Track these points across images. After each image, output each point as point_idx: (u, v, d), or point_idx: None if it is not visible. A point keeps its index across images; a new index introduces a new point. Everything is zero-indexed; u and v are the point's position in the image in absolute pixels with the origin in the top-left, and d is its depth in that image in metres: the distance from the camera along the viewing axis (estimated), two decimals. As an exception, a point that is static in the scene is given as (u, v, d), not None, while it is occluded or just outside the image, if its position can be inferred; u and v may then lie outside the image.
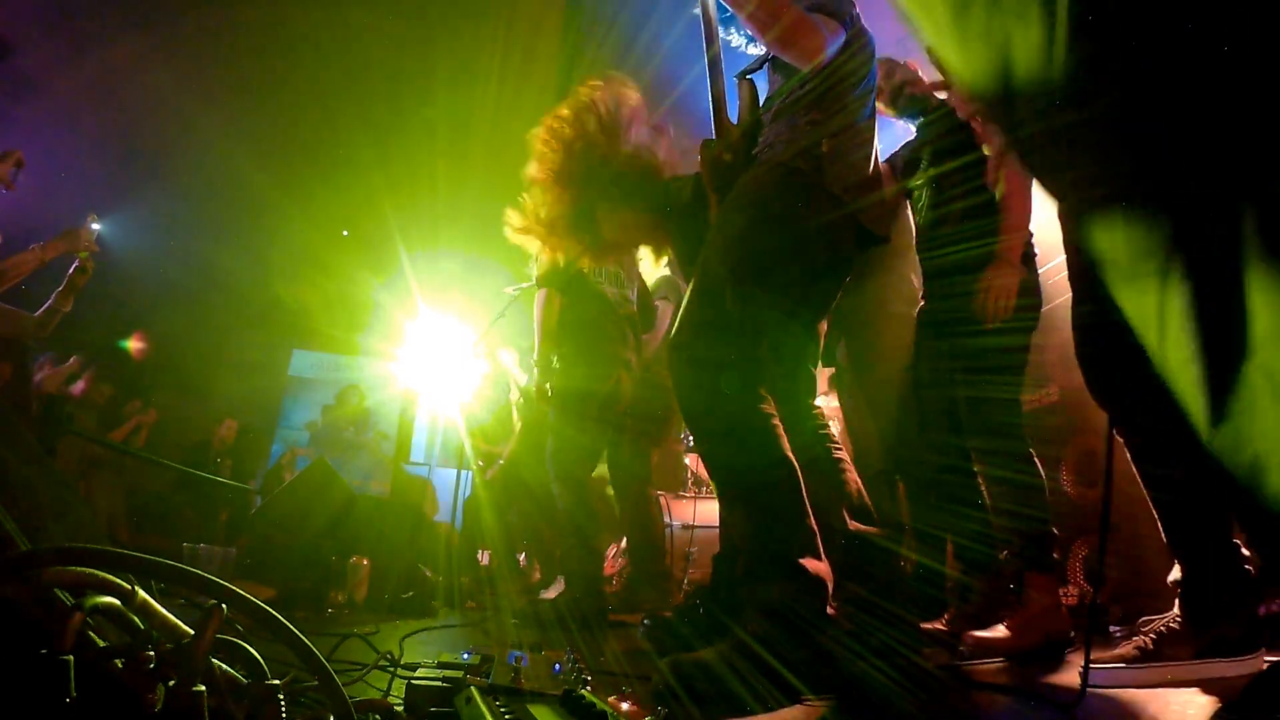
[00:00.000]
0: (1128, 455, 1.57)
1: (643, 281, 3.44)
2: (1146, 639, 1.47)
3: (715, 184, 1.69)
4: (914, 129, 2.47)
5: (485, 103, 5.46)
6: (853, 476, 1.70)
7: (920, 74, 2.45)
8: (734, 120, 1.75)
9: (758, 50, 1.85)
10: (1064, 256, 2.82)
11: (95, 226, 3.28)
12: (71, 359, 4.96)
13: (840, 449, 1.74)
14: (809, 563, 1.42)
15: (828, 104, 1.60)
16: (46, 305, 3.44)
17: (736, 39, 1.86)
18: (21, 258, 3.14)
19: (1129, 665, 1.44)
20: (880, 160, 1.73)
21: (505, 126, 5.70)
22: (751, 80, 1.75)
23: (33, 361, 4.41)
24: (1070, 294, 1.89)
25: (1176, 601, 1.51)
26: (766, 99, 1.71)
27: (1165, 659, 1.42)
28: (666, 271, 3.60)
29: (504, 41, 4.91)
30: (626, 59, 4.71)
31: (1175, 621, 1.47)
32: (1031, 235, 2.27)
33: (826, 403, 3.13)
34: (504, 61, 5.05)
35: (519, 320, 4.21)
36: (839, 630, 1.40)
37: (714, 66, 1.72)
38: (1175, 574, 1.53)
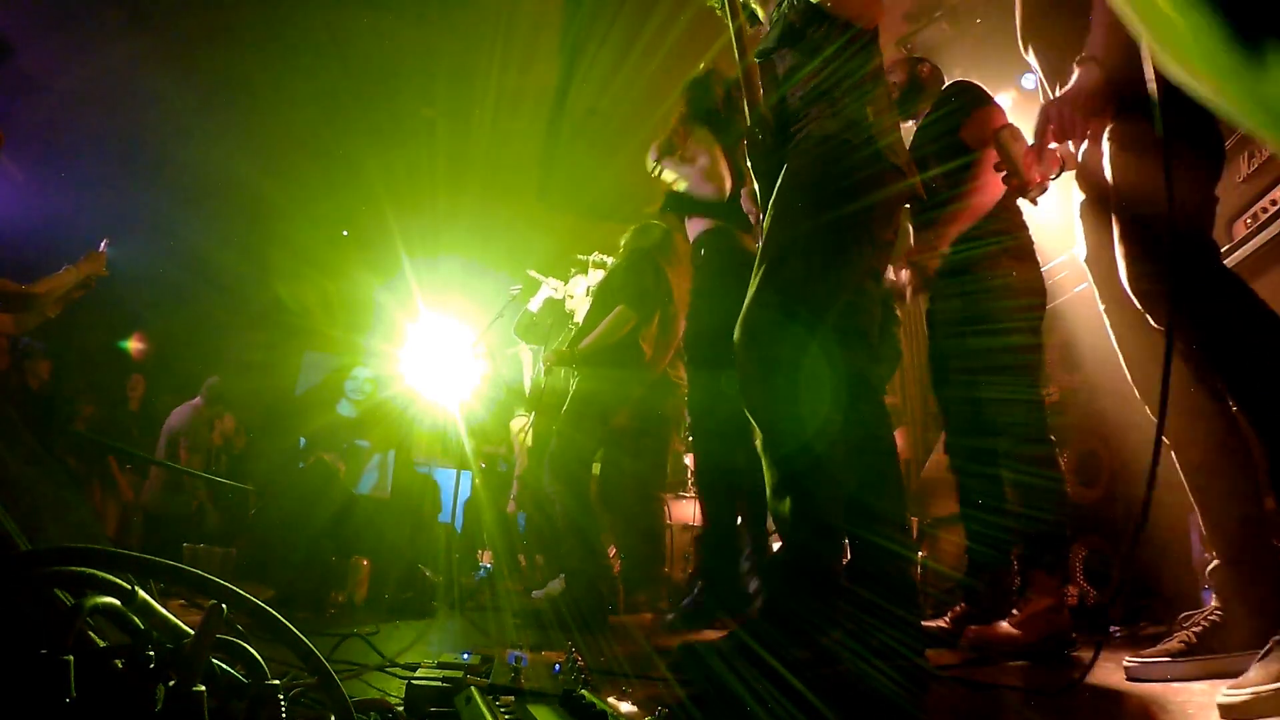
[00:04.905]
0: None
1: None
2: (1190, 633, 1.47)
3: (756, 166, 1.69)
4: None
5: (485, 103, 5.45)
6: (892, 470, 1.68)
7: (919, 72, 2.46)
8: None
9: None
10: (1063, 257, 2.83)
11: (103, 248, 3.35)
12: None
13: (889, 438, 1.71)
14: (830, 560, 1.42)
15: (864, 76, 1.61)
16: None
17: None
18: (59, 279, 3.24)
19: (1173, 659, 1.44)
20: None
21: (505, 126, 5.71)
22: (773, 60, 1.74)
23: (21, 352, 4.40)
24: (1065, 295, 1.88)
25: (1213, 595, 1.51)
26: (786, 79, 1.70)
27: (1209, 652, 1.41)
28: None
29: (504, 41, 4.90)
30: (627, 58, 4.71)
31: (1216, 614, 1.47)
32: (1029, 232, 2.27)
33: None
34: (504, 61, 5.05)
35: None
36: (844, 632, 1.40)
37: (739, 41, 1.71)
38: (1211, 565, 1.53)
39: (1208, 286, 1.34)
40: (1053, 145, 1.52)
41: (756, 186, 1.74)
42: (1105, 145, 1.48)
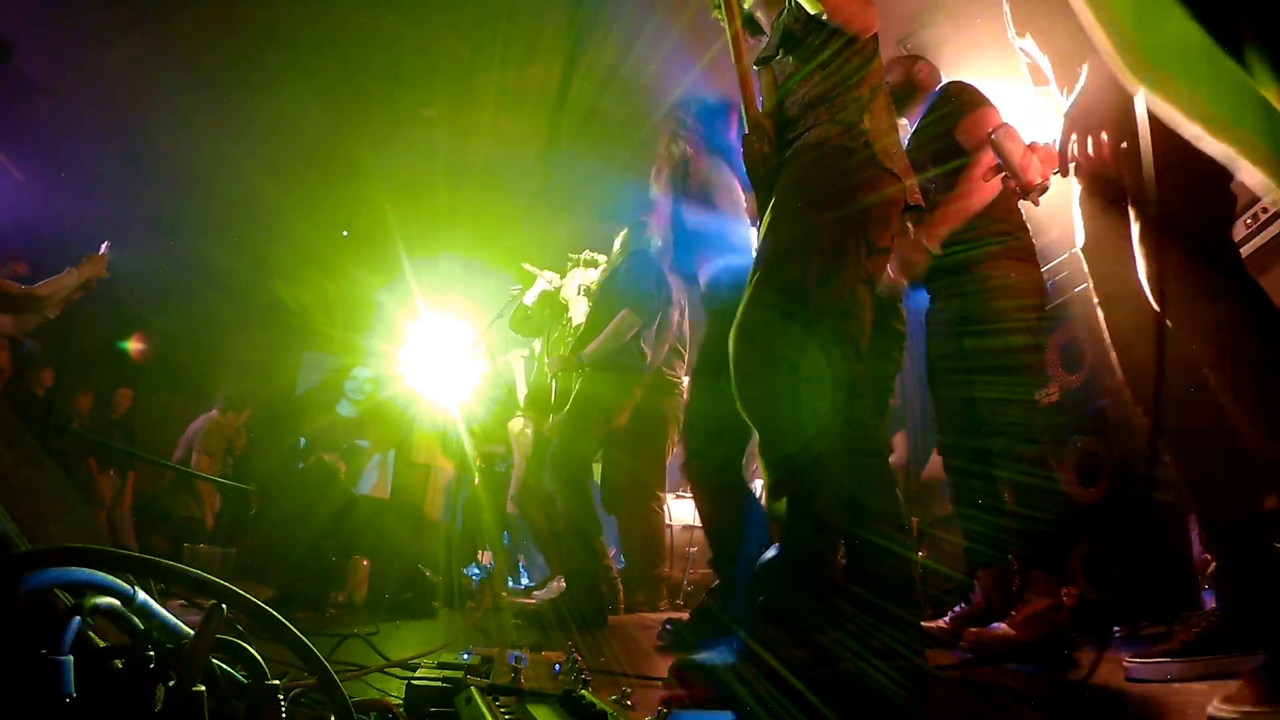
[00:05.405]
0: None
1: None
2: (1190, 633, 1.47)
3: (758, 177, 1.69)
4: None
5: (485, 103, 5.45)
6: (886, 470, 1.67)
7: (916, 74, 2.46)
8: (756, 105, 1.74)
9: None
10: (1063, 257, 2.84)
11: (103, 250, 3.40)
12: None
13: (882, 439, 1.71)
14: (828, 559, 1.41)
15: (861, 81, 1.61)
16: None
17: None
18: (61, 281, 3.29)
19: (1173, 659, 1.44)
20: None
21: (505, 127, 5.70)
22: (771, 67, 1.74)
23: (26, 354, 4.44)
24: (1065, 295, 1.86)
25: (1215, 596, 1.51)
26: (784, 85, 1.70)
27: (1209, 652, 1.41)
28: None
29: (504, 41, 4.90)
30: (628, 58, 4.71)
31: (1216, 614, 1.47)
32: (1029, 233, 2.27)
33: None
34: (504, 61, 5.04)
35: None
36: (844, 633, 1.40)
37: (735, 45, 1.70)
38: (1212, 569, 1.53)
39: (1222, 285, 1.34)
40: (1047, 142, 1.52)
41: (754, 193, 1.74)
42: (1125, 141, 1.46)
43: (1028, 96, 2.02)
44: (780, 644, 1.34)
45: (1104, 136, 1.41)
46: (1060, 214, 2.78)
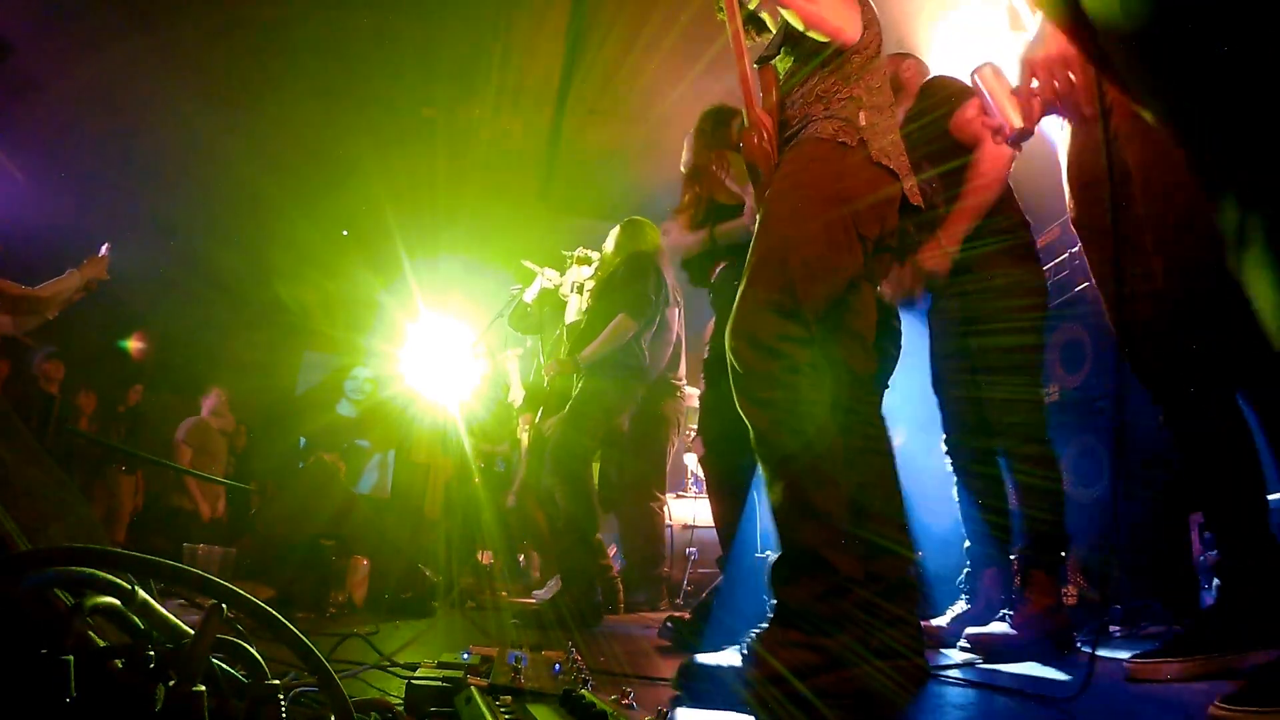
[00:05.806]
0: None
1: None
2: (1190, 633, 1.46)
3: (758, 174, 1.69)
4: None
5: (485, 102, 5.45)
6: (892, 469, 1.67)
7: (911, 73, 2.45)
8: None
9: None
10: (1063, 256, 2.84)
11: (104, 252, 3.42)
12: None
13: (887, 438, 1.71)
14: (833, 558, 1.41)
15: (858, 81, 1.61)
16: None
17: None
18: (64, 282, 3.32)
19: (1173, 659, 1.43)
20: None
21: (505, 127, 5.71)
22: (774, 65, 1.74)
23: (31, 359, 4.46)
24: (1066, 295, 1.86)
25: (1213, 595, 1.51)
26: (785, 83, 1.71)
27: (1209, 652, 1.41)
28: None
29: (504, 42, 4.90)
30: (628, 58, 4.71)
31: (1215, 615, 1.47)
32: (1030, 229, 2.27)
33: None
34: (504, 61, 5.05)
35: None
36: (848, 635, 1.39)
37: (737, 43, 1.70)
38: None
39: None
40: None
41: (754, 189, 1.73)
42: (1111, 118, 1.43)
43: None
44: (788, 647, 1.33)
45: (1071, 76, 1.36)
46: (1061, 213, 2.78)
